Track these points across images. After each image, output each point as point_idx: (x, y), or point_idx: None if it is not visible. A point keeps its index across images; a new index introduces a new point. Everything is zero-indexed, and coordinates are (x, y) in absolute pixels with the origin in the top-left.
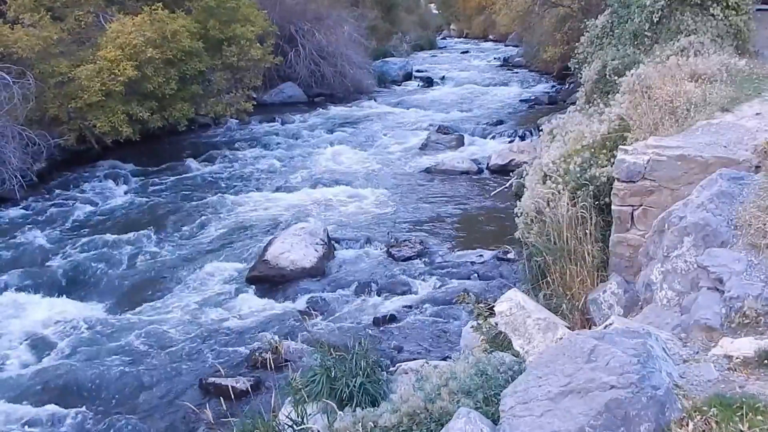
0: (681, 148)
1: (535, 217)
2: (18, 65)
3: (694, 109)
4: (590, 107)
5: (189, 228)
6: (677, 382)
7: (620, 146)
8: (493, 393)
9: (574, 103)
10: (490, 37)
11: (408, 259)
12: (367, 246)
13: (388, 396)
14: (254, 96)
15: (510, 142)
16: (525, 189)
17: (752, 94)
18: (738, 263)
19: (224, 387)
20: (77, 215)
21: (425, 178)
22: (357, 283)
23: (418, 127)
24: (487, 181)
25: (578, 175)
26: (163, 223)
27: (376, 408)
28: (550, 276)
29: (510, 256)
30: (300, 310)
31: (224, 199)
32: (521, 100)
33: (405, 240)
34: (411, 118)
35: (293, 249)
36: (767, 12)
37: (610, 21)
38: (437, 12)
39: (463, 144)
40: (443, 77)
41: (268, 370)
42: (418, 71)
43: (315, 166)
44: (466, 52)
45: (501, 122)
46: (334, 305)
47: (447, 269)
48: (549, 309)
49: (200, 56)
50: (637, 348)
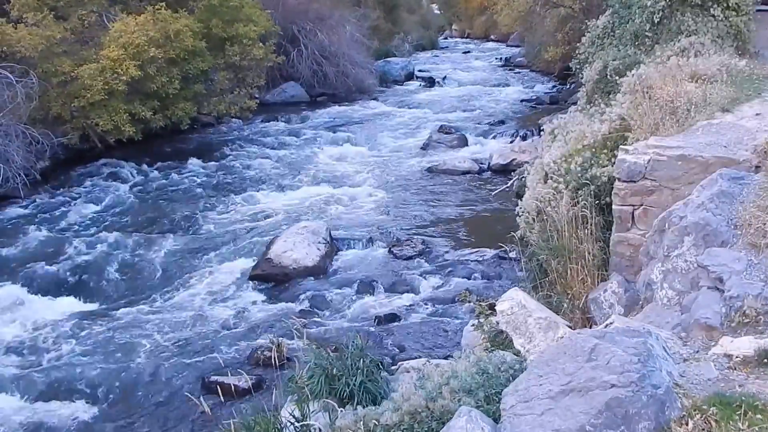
0: (681, 148)
1: (536, 217)
2: (21, 64)
3: (695, 110)
4: (591, 107)
5: (192, 226)
6: (677, 381)
7: (621, 146)
8: (495, 392)
9: (575, 103)
10: (492, 38)
11: (409, 259)
12: (369, 245)
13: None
14: (257, 95)
15: (511, 142)
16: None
17: (752, 95)
18: (738, 263)
19: (226, 385)
20: (80, 213)
21: (427, 178)
22: (359, 282)
23: (420, 127)
24: (489, 181)
25: (579, 175)
26: (166, 222)
27: (378, 406)
28: (551, 275)
29: (511, 256)
30: (302, 309)
31: (227, 198)
32: (522, 100)
33: (407, 239)
34: (413, 118)
35: (296, 248)
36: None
37: (611, 21)
38: (439, 12)
39: (465, 144)
40: (445, 77)
41: (270, 368)
42: (420, 71)
43: (317, 166)
44: (468, 53)
45: (502, 122)
46: (336, 304)
47: (448, 268)
48: (550, 308)
49: (203, 55)
50: (638, 347)
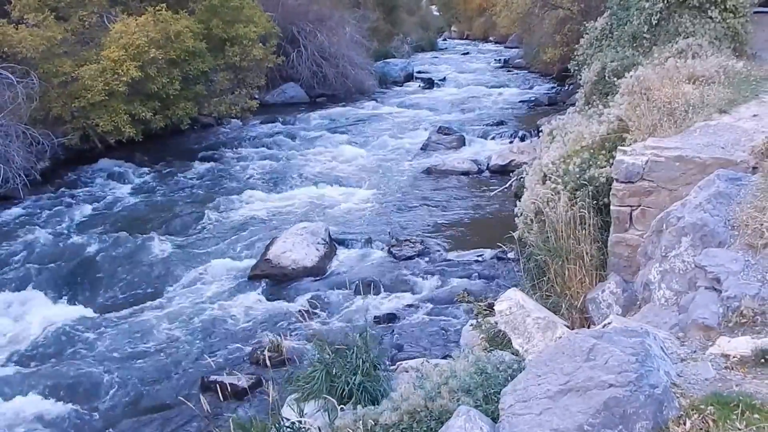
0: (679, 149)
1: (535, 217)
2: (22, 65)
3: (692, 111)
4: (589, 108)
5: (192, 227)
6: (675, 381)
7: (619, 147)
8: (493, 391)
9: (574, 105)
10: (491, 39)
11: (409, 259)
12: (368, 245)
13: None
14: (257, 96)
15: (510, 143)
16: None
17: (749, 96)
18: (735, 263)
19: (226, 384)
20: (80, 214)
21: (426, 179)
22: (358, 282)
23: (419, 128)
24: (488, 182)
25: (577, 176)
26: (166, 222)
27: (377, 406)
28: (550, 275)
29: (510, 256)
30: (301, 309)
31: (227, 199)
32: (521, 101)
33: (406, 239)
34: (412, 119)
35: (295, 248)
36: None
37: (610, 23)
38: (438, 14)
39: (464, 144)
40: (444, 78)
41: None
42: (419, 72)
43: (317, 166)
44: (467, 54)
45: (501, 123)
46: (335, 304)
47: (447, 269)
48: (548, 308)
49: (203, 56)
50: (636, 347)
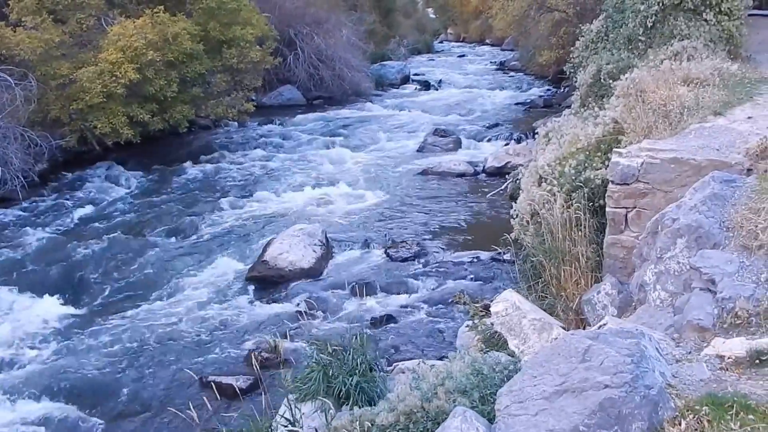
0: (674, 151)
1: (531, 219)
2: (20, 67)
3: (687, 113)
4: (585, 110)
5: (189, 228)
6: (670, 382)
7: (614, 149)
8: (489, 392)
9: (570, 107)
10: (487, 41)
11: (405, 260)
12: (365, 247)
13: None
14: (253, 98)
15: (506, 145)
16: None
17: (744, 98)
18: (730, 264)
19: (223, 385)
20: (78, 216)
21: (422, 180)
22: (354, 284)
23: (416, 130)
24: (484, 183)
25: (573, 178)
26: (164, 224)
27: (374, 407)
28: (545, 277)
29: (505, 258)
30: (298, 310)
31: (224, 201)
32: (517, 104)
33: (402, 241)
34: (408, 121)
35: (292, 250)
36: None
37: (605, 26)
38: (434, 16)
39: (460, 146)
40: (440, 80)
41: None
42: (416, 74)
43: (313, 168)
44: (463, 56)
45: (497, 125)
46: (332, 305)
47: (443, 270)
48: (544, 309)
49: (201, 58)
50: (631, 348)
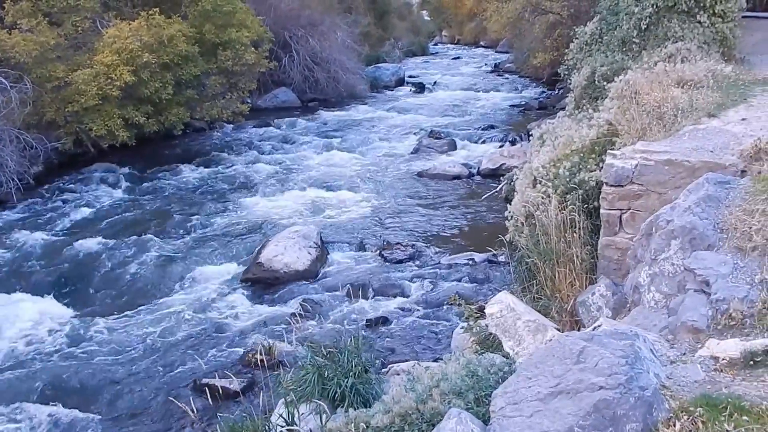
0: (668, 153)
1: (525, 221)
2: (15, 70)
3: (682, 115)
4: (579, 112)
5: (184, 231)
6: (664, 383)
7: (609, 151)
8: (484, 394)
9: (564, 109)
10: (481, 44)
11: (400, 262)
12: (360, 249)
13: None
14: (248, 101)
15: (500, 147)
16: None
17: (738, 100)
18: (724, 266)
19: (218, 387)
20: (73, 218)
21: (417, 182)
22: (349, 286)
23: (410, 132)
24: (478, 185)
25: (567, 180)
26: (159, 226)
27: (369, 408)
28: (540, 278)
29: (500, 259)
30: (293, 312)
31: (219, 203)
32: (511, 106)
33: (397, 243)
34: (403, 123)
35: (287, 252)
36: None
37: (599, 28)
38: (429, 18)
39: (455, 148)
40: (435, 83)
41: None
42: (411, 77)
43: (308, 170)
44: (458, 58)
45: (492, 127)
46: (327, 307)
47: (438, 272)
48: (538, 311)
49: (196, 61)
50: (625, 349)
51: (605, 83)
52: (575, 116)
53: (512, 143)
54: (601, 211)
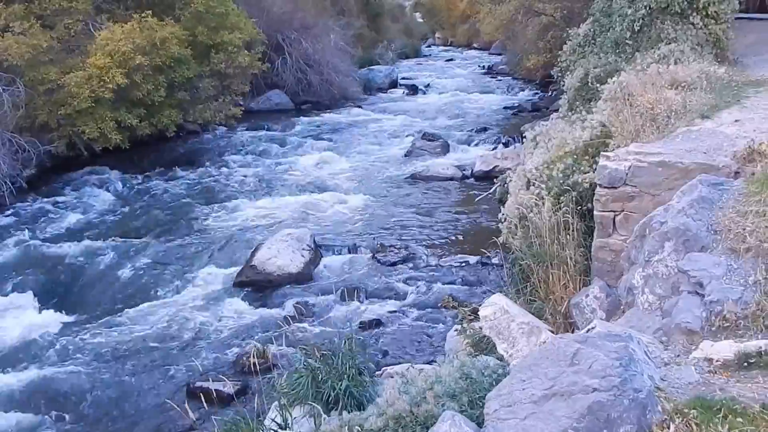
0: (662, 155)
1: (519, 223)
2: (8, 73)
3: (675, 116)
4: (573, 114)
5: (177, 233)
6: (659, 385)
7: (602, 152)
8: (478, 396)
9: (557, 111)
10: (474, 46)
11: (394, 265)
12: (353, 251)
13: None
14: (241, 103)
15: (494, 149)
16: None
17: (731, 102)
18: (718, 267)
19: (211, 391)
20: (66, 221)
21: (410, 184)
22: (343, 288)
23: (404, 134)
24: (472, 187)
25: (561, 181)
26: (152, 229)
27: (362, 411)
28: (534, 280)
29: (494, 261)
30: (286, 315)
31: (212, 205)
32: (505, 108)
33: (390, 245)
34: (396, 125)
35: (280, 254)
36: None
37: (592, 30)
38: (422, 21)
39: (448, 150)
40: (428, 85)
41: (255, 375)
42: (404, 79)
43: (302, 173)
44: (451, 60)
45: (485, 129)
46: (321, 310)
47: (432, 274)
48: (532, 313)
49: (188, 63)
50: (619, 351)
51: (598, 85)
52: (569, 118)
53: (506, 145)
54: (595, 213)
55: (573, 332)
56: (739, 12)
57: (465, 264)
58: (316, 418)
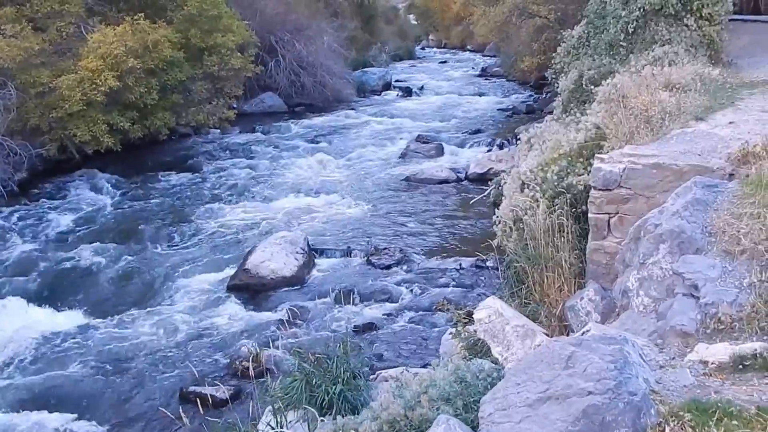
0: (656, 157)
1: (513, 225)
2: None
3: (669, 118)
4: (567, 116)
5: (170, 237)
6: (654, 388)
7: (596, 155)
8: (473, 400)
9: (551, 113)
10: (468, 48)
11: (388, 268)
12: (347, 255)
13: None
14: (235, 106)
15: (488, 151)
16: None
17: (726, 103)
18: (713, 270)
19: (204, 396)
20: (58, 225)
21: (405, 187)
22: (337, 292)
23: (398, 137)
24: (466, 190)
25: (555, 184)
26: (144, 233)
27: (357, 415)
28: (528, 283)
29: (488, 264)
30: (280, 319)
31: (205, 209)
32: (499, 110)
33: (385, 248)
34: (390, 128)
35: (274, 258)
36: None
37: (587, 31)
38: (416, 22)
39: (442, 153)
40: (422, 87)
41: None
42: (398, 81)
43: (295, 176)
44: (445, 62)
45: (479, 131)
46: (315, 314)
47: (426, 277)
48: (527, 316)
49: (181, 66)
50: (614, 354)
51: (593, 87)
52: (563, 120)
53: (500, 147)
54: (590, 216)
55: (568, 335)
56: (733, 13)
57: (459, 267)
58: (311, 423)
